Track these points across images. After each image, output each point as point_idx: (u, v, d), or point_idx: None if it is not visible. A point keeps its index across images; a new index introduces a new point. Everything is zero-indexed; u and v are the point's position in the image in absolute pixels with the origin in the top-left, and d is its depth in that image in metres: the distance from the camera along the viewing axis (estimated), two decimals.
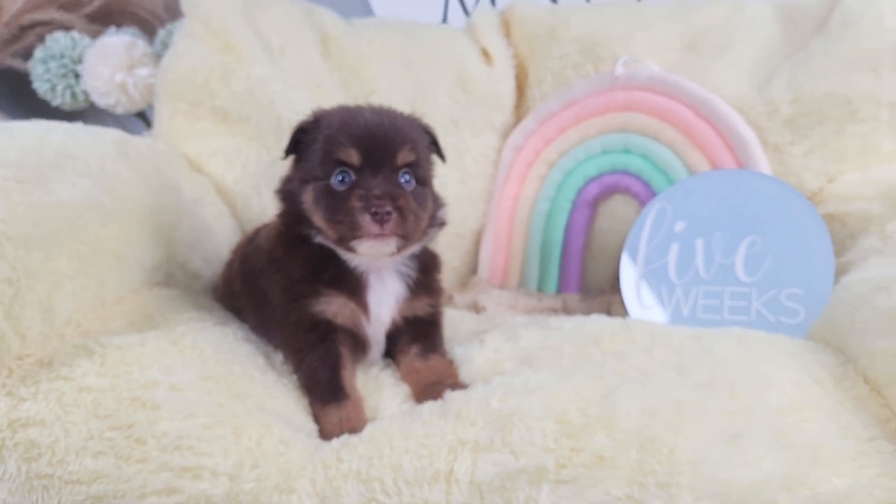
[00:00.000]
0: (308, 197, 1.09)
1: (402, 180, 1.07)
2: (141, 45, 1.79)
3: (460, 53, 1.70)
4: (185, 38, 1.61)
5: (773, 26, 1.56)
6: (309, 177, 1.09)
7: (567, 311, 1.53)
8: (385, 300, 1.15)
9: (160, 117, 1.65)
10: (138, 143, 1.47)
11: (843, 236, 1.31)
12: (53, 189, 1.13)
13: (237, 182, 1.60)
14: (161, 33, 1.86)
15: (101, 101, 1.80)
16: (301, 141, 1.12)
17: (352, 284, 1.13)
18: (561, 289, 1.59)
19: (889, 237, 1.20)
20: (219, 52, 1.58)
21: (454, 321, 1.41)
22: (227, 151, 1.60)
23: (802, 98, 1.45)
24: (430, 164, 1.16)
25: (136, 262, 1.24)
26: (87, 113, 2.00)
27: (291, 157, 1.16)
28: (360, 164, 1.04)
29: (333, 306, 1.12)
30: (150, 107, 1.86)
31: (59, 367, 1.00)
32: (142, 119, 1.98)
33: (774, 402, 0.93)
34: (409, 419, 0.99)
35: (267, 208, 1.60)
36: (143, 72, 1.76)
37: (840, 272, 1.25)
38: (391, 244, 1.05)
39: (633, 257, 1.42)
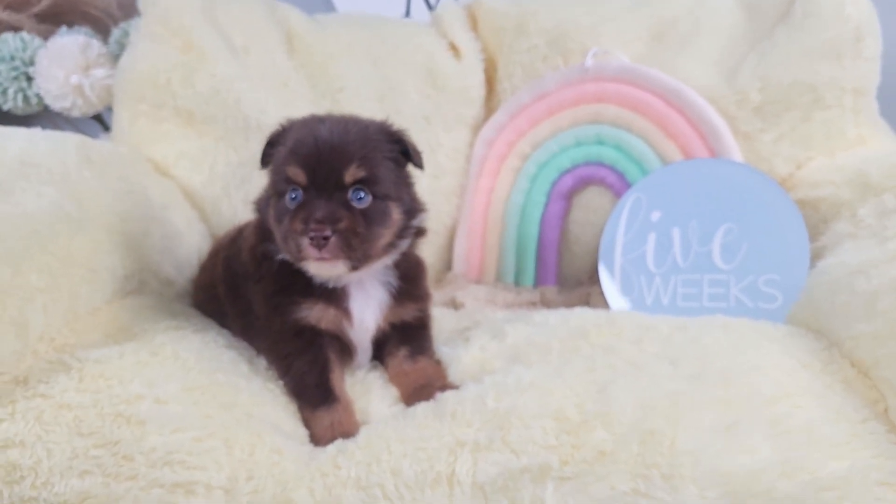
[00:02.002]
0: (271, 212, 1.07)
1: (355, 198, 1.02)
2: (96, 45, 1.72)
3: (428, 48, 1.68)
4: (144, 38, 1.56)
5: (736, 16, 1.59)
6: (273, 191, 1.07)
7: (546, 303, 1.53)
8: (368, 307, 1.14)
9: (120, 120, 1.59)
10: (101, 147, 1.42)
11: (815, 221, 1.34)
12: (18, 200, 1.09)
13: (205, 185, 1.56)
14: (115, 32, 1.80)
15: (56, 105, 1.73)
16: (270, 153, 1.10)
17: (331, 294, 1.11)
18: (538, 282, 1.59)
19: (860, 221, 1.23)
20: (179, 52, 1.53)
21: (435, 320, 1.38)
22: (194, 154, 1.55)
23: (770, 86, 1.47)
24: (395, 175, 1.10)
25: (107, 272, 1.20)
26: (41, 117, 1.92)
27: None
28: (306, 183, 1.01)
29: (315, 312, 1.10)
30: (108, 109, 1.80)
31: (36, 385, 0.97)
32: (99, 122, 1.91)
33: (766, 390, 0.94)
34: (403, 422, 0.98)
35: (237, 211, 1.57)
36: (99, 73, 1.70)
37: (815, 257, 1.29)
38: (338, 266, 1.02)
39: (611, 248, 1.43)
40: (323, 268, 1.03)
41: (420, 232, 1.17)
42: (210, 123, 1.54)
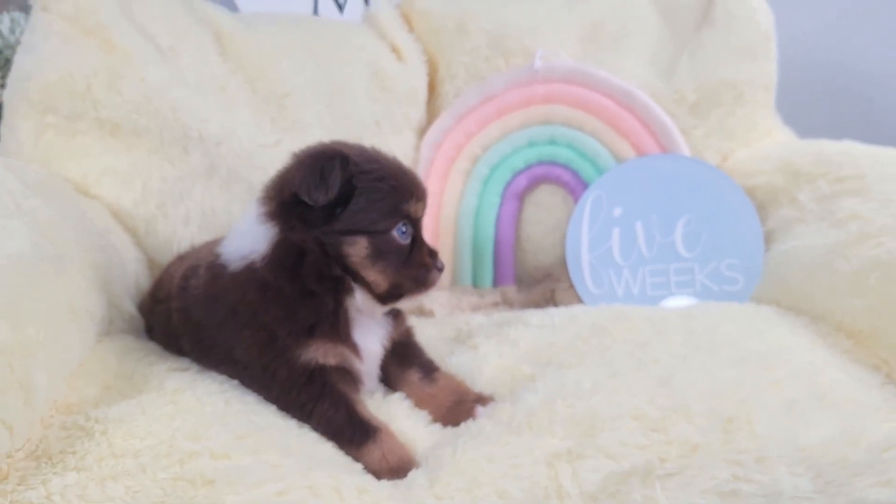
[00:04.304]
0: (359, 250, 0.99)
1: None
2: None
3: (371, 50, 1.61)
4: (48, 39, 1.34)
5: (655, 18, 1.69)
6: (362, 226, 0.99)
7: (508, 303, 1.55)
8: (372, 335, 1.09)
9: (19, 134, 1.35)
10: (24, 168, 1.22)
11: (755, 207, 1.47)
12: None
13: (137, 204, 1.38)
14: None
15: None
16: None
17: (336, 328, 1.04)
18: (497, 282, 1.60)
19: (803, 207, 1.38)
20: (100, 54, 1.34)
21: (416, 330, 1.35)
22: (122, 170, 1.37)
23: (703, 85, 1.60)
24: None
25: (87, 314, 1.04)
26: None
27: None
28: (419, 217, 1.05)
29: (322, 350, 1.02)
30: None
31: (62, 457, 0.84)
32: None
33: (803, 368, 1.04)
34: (478, 442, 0.95)
35: (176, 230, 1.42)
36: None
37: (765, 240, 1.42)
38: None
39: (577, 245, 1.48)
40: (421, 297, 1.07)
41: None
42: (141, 135, 1.37)
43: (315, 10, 1.96)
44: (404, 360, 1.14)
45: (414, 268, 1.02)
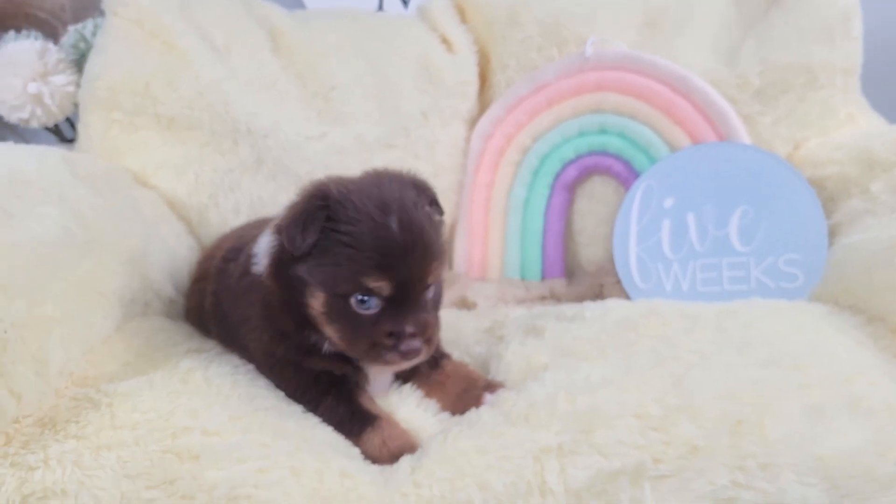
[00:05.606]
0: (317, 304, 0.95)
1: (429, 292, 0.96)
2: (53, 49, 1.58)
3: (420, 42, 1.62)
4: (116, 41, 1.44)
5: (721, 1, 1.60)
6: (319, 282, 0.93)
7: (555, 297, 1.50)
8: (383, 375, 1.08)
9: (89, 129, 1.47)
10: (83, 160, 1.31)
11: (823, 199, 1.36)
12: (22, 224, 0.98)
13: (190, 194, 1.46)
14: (70, 35, 1.66)
15: (13, 116, 1.58)
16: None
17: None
18: (545, 275, 1.56)
19: (876, 198, 1.26)
20: (159, 55, 1.42)
21: (453, 323, 1.34)
22: (177, 162, 1.45)
23: (769, 69, 1.50)
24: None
25: (116, 296, 1.10)
26: None
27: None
28: (390, 295, 0.92)
29: (330, 364, 1.03)
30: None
31: (66, 426, 0.88)
32: (54, 133, 1.77)
33: (838, 370, 0.94)
34: (472, 431, 0.92)
35: (227, 219, 1.48)
36: (59, 80, 1.56)
37: (830, 234, 1.31)
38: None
39: (625, 237, 1.42)
40: (393, 369, 1.03)
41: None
42: (194, 129, 1.44)
43: (380, 5, 1.99)
44: None
45: (366, 343, 0.93)
